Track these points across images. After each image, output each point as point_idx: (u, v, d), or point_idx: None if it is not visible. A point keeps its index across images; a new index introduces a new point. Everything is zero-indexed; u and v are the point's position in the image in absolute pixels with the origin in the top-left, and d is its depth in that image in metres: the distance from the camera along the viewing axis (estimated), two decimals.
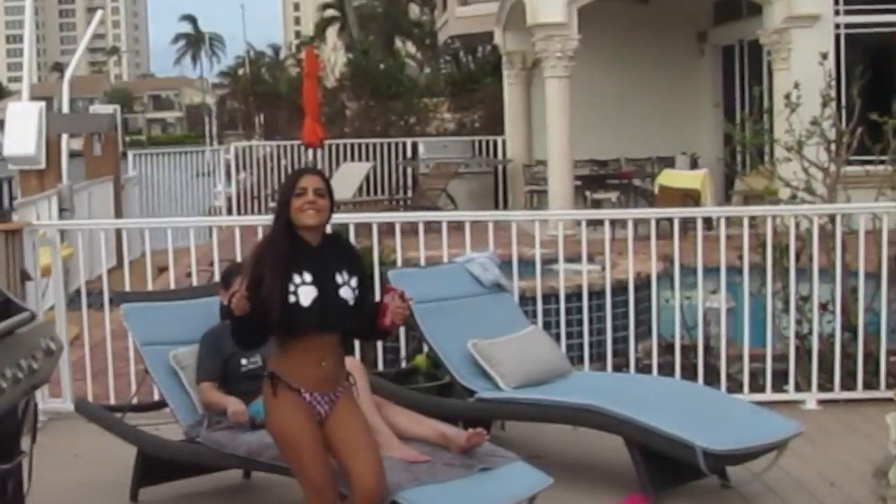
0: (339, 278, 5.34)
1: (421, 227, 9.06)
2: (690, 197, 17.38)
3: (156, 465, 7.10)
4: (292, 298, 5.23)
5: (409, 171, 22.93)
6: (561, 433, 7.71)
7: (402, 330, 8.89)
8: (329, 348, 5.38)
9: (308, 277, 5.27)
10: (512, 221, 9.10)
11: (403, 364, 8.60)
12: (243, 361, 6.83)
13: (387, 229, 9.18)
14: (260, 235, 9.03)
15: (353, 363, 6.76)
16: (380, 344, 9.00)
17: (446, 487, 5.89)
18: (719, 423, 6.77)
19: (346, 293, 5.34)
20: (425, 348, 8.04)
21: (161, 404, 7.39)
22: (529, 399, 7.20)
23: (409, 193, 22.34)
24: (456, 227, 9.22)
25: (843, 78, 14.37)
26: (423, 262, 8.95)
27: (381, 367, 8.92)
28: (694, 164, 20.12)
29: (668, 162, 20.44)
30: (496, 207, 21.61)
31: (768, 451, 6.80)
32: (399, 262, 8.99)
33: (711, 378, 9.02)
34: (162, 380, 7.10)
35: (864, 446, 7.79)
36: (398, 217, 9.22)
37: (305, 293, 5.25)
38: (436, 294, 7.82)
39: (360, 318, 5.42)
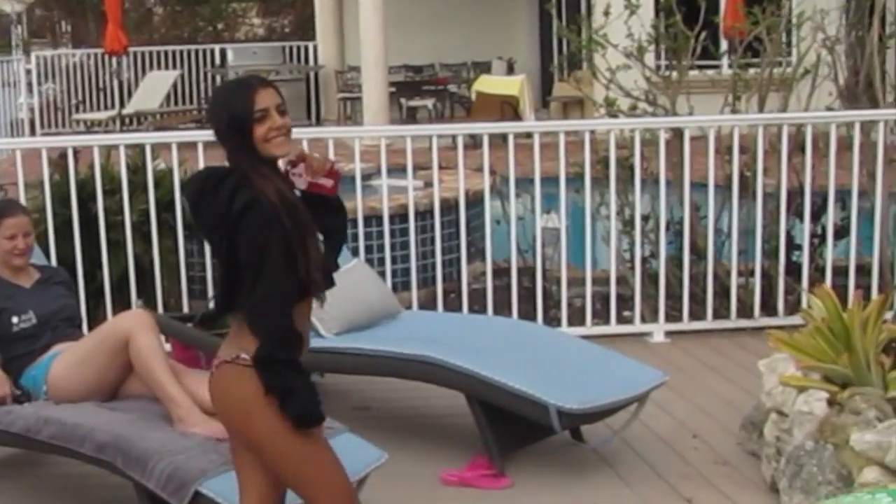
0: None
1: None
2: (508, 103, 16.41)
3: None
4: None
5: (218, 79, 21.40)
6: (390, 380, 6.57)
7: (208, 266, 7.69)
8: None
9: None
10: (328, 138, 7.85)
11: (212, 304, 7.35)
12: (14, 320, 5.52)
13: (190, 145, 7.88)
14: (45, 158, 7.72)
15: (134, 315, 5.52)
16: (184, 279, 7.76)
17: None
18: (574, 375, 5.70)
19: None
20: None
21: None
22: (355, 349, 6.03)
23: None
24: None
25: None
26: None
27: (185, 307, 7.70)
28: (510, 70, 19.09)
29: (484, 67, 19.39)
30: (308, 116, 20.29)
31: (628, 405, 5.78)
32: None
33: (549, 304, 8.03)
34: None
35: (722, 387, 6.88)
36: (201, 136, 7.92)
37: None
38: None
39: None
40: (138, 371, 5.20)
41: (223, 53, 21.58)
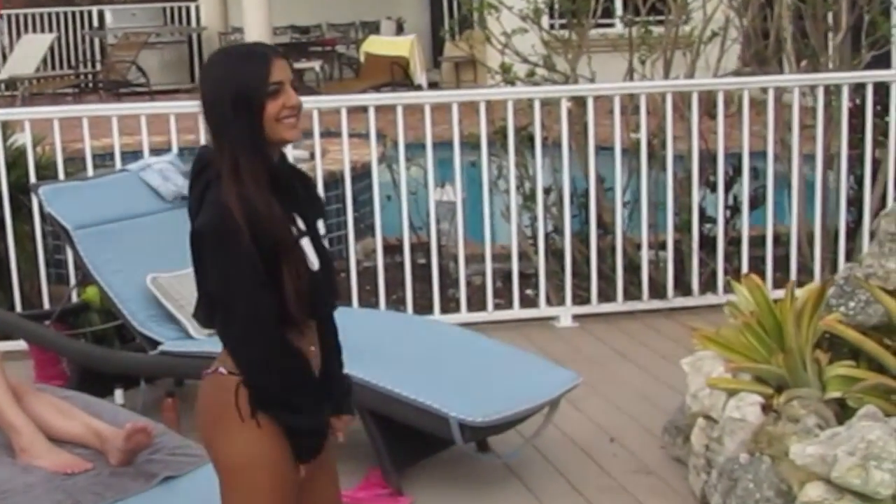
0: (319, 224, 3.25)
1: (86, 124, 6.97)
2: (398, 64, 15.68)
3: None
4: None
5: (97, 41, 20.35)
6: None
7: (69, 254, 6.87)
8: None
9: (301, 223, 3.17)
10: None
11: (74, 296, 6.56)
12: None
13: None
14: None
15: None
16: (42, 269, 6.96)
17: None
18: (478, 382, 4.99)
19: (327, 245, 3.26)
20: None
21: None
22: None
23: (97, 67, 19.80)
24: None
25: None
26: (90, 169, 6.90)
27: (46, 302, 6.90)
28: (399, 29, 18.32)
29: (373, 27, 18.61)
30: (191, 79, 19.30)
31: (538, 412, 5.09)
32: (61, 163, 6.90)
33: (446, 283, 7.35)
34: None
35: (638, 380, 6.24)
36: (57, 112, 7.10)
37: (308, 248, 3.16)
38: (103, 214, 5.82)
39: None
40: None
41: (101, 15, 20.44)
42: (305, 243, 3.14)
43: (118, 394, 5.53)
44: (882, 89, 7.25)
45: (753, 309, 4.85)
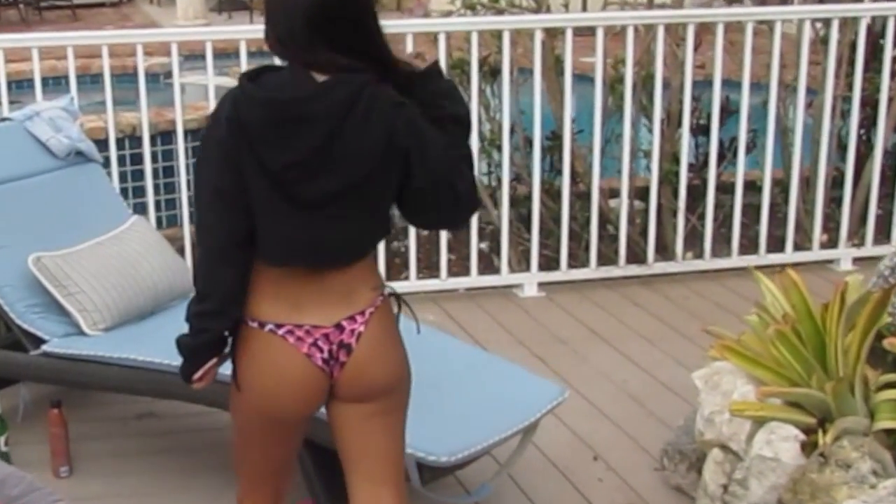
0: None
1: None
2: None
3: None
4: None
5: None
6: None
7: None
8: None
9: None
10: (103, 45, 5.77)
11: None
12: None
13: None
14: None
15: None
16: None
17: None
18: (442, 405, 3.80)
19: None
20: None
21: None
22: (125, 360, 4.14)
23: None
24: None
25: None
26: None
27: None
28: None
29: None
30: None
31: (515, 436, 4.00)
32: None
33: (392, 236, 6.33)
34: None
35: (619, 369, 5.16)
36: None
37: None
38: None
39: None
40: None
41: None
42: None
43: None
44: None
45: (787, 313, 3.78)
